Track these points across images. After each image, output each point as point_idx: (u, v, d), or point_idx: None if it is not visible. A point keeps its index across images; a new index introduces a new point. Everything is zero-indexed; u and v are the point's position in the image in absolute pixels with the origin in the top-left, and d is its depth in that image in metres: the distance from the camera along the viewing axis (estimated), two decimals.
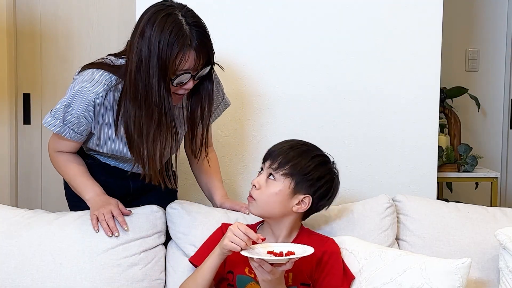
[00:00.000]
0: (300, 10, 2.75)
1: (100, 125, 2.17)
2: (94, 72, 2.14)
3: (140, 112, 2.06)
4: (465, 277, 1.95)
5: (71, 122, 2.15)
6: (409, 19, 2.78)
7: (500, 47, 4.40)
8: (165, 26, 2.00)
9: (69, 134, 2.18)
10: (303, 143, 2.11)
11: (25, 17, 3.17)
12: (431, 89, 2.81)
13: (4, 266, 2.10)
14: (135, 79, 2.03)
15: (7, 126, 3.14)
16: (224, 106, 2.42)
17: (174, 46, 1.99)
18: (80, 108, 2.12)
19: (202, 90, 2.16)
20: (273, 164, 2.02)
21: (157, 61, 2.00)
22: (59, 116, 2.15)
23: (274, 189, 2.02)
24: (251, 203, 2.04)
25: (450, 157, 3.65)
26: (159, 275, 2.19)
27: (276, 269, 1.88)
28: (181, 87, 2.07)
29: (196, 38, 2.02)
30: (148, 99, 2.03)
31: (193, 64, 2.04)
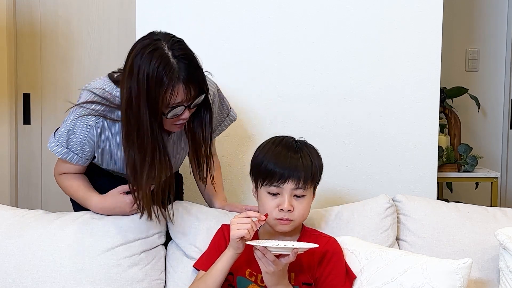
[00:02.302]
0: (300, 10, 2.75)
1: (101, 149, 2.17)
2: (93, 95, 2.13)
3: (133, 150, 2.04)
4: (466, 277, 1.95)
5: (75, 147, 2.16)
6: (409, 19, 2.78)
7: (500, 47, 4.39)
8: (151, 61, 1.96)
9: (74, 158, 2.19)
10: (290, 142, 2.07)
11: (25, 17, 3.17)
12: (431, 89, 2.81)
13: (4, 266, 2.10)
14: (126, 117, 2.02)
15: (7, 126, 3.14)
16: (229, 121, 2.43)
17: (162, 82, 1.95)
18: (82, 133, 2.13)
19: (201, 115, 2.13)
20: (298, 184, 1.99)
21: (146, 98, 1.96)
22: (63, 141, 2.16)
23: (308, 202, 2.04)
24: (289, 225, 2.01)
25: (450, 157, 3.65)
26: (159, 275, 2.19)
27: (279, 261, 1.88)
28: (178, 118, 2.04)
29: (184, 71, 1.97)
30: (139, 137, 2.01)
31: (184, 97, 2.00)
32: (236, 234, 1.91)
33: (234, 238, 1.93)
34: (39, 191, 3.26)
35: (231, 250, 1.96)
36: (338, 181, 2.80)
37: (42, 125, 3.22)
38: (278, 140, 2.09)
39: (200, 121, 2.14)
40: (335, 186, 2.79)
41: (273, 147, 2.05)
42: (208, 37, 2.73)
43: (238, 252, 1.96)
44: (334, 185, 2.78)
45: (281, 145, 2.05)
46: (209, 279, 1.99)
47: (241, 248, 1.95)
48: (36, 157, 3.23)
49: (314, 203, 2.21)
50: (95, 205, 2.22)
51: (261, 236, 2.06)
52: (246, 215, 1.95)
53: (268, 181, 2.00)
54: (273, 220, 2.00)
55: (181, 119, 2.05)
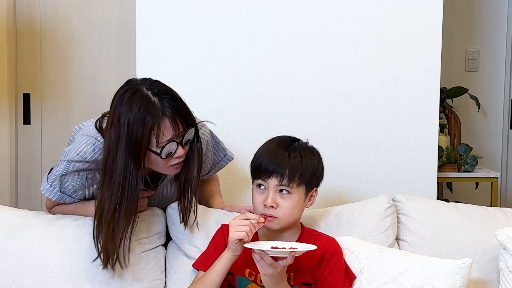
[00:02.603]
0: (300, 10, 2.75)
1: (93, 192, 2.17)
2: (86, 143, 2.10)
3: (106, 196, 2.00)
4: (466, 277, 1.95)
5: (68, 190, 2.16)
6: (409, 19, 2.78)
7: (500, 47, 4.39)
8: (132, 105, 1.95)
9: (68, 200, 2.20)
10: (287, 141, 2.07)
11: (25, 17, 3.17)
12: (431, 89, 2.81)
13: (5, 266, 2.10)
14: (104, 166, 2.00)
15: (7, 126, 3.14)
16: (227, 160, 2.44)
17: (146, 121, 1.94)
18: (74, 180, 2.12)
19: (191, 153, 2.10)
20: (282, 180, 1.98)
21: (126, 144, 1.95)
22: (56, 186, 2.15)
23: (293, 202, 2.01)
24: (272, 222, 2.00)
25: (450, 157, 3.65)
26: (159, 275, 2.19)
27: (277, 263, 1.88)
28: (172, 157, 2.02)
29: (167, 106, 1.96)
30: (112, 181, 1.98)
31: (173, 132, 1.98)
32: (235, 236, 1.91)
33: (232, 240, 1.93)
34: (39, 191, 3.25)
35: (229, 252, 1.96)
36: (338, 181, 2.80)
37: (42, 125, 3.21)
38: (276, 138, 2.10)
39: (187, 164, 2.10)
40: (335, 186, 2.79)
41: (268, 144, 2.08)
42: (208, 37, 2.73)
43: (236, 254, 1.96)
44: (334, 185, 2.78)
45: (275, 142, 2.07)
46: (207, 281, 1.99)
47: (239, 250, 1.95)
48: (36, 157, 3.23)
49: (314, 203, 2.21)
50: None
51: (261, 238, 2.06)
52: (245, 217, 1.95)
53: (256, 175, 2.03)
54: (260, 216, 2.00)
55: (175, 157, 2.02)
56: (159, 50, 2.72)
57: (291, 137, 2.11)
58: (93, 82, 3.29)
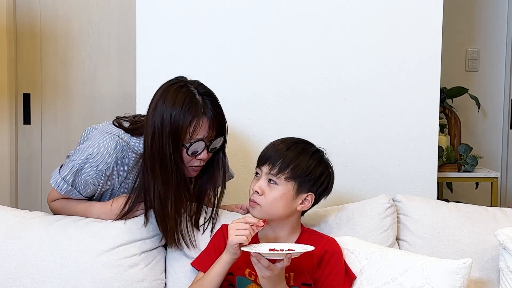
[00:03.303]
0: (300, 10, 2.75)
1: (104, 191, 2.22)
2: (109, 140, 2.16)
3: (157, 182, 2.08)
4: (466, 277, 1.95)
5: (79, 185, 2.19)
6: (409, 19, 2.78)
7: (500, 47, 4.40)
8: (177, 96, 2.06)
9: (75, 194, 2.22)
10: (296, 140, 2.11)
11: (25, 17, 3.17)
12: (431, 89, 2.81)
13: (5, 266, 2.10)
14: (150, 151, 2.07)
15: (7, 126, 3.14)
16: (227, 178, 2.44)
17: (187, 114, 2.03)
18: (90, 175, 2.16)
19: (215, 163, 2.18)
20: (272, 169, 2.02)
21: (169, 130, 2.04)
22: (69, 179, 2.18)
23: (278, 193, 2.02)
24: (255, 208, 2.03)
25: (450, 157, 3.65)
26: (159, 276, 2.19)
27: (274, 265, 1.88)
28: (196, 157, 2.09)
29: (209, 107, 2.07)
30: (162, 168, 2.06)
31: (206, 133, 2.07)
32: (235, 240, 1.92)
33: (232, 244, 1.93)
34: (39, 191, 3.26)
35: (228, 255, 1.96)
36: (338, 181, 2.77)
37: (42, 125, 3.22)
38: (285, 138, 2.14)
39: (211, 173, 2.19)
40: (335, 186, 2.76)
41: (274, 142, 2.12)
42: (208, 37, 2.73)
43: (235, 257, 1.96)
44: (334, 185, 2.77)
45: (282, 141, 2.11)
46: (206, 283, 2.00)
47: (238, 253, 1.95)
48: (36, 157, 3.23)
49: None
50: (98, 210, 2.23)
51: (261, 240, 2.07)
52: (244, 221, 1.95)
53: (257, 162, 2.08)
54: (248, 201, 2.05)
55: (198, 159, 2.09)
56: (159, 50, 2.72)
57: (306, 141, 2.13)
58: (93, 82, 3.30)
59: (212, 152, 2.13)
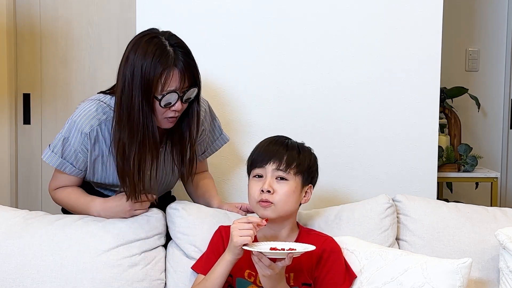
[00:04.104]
0: (300, 11, 2.75)
1: (94, 159, 2.21)
2: (90, 104, 2.18)
3: (123, 133, 2.07)
4: (466, 277, 1.95)
5: (69, 156, 2.19)
6: (409, 19, 2.78)
7: (500, 47, 4.40)
8: (148, 48, 2.04)
9: (68, 168, 2.21)
10: (284, 138, 2.13)
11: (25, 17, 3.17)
12: (431, 89, 2.81)
13: (5, 266, 2.11)
14: (120, 103, 2.07)
15: (7, 126, 3.14)
16: (221, 142, 2.48)
17: (157, 66, 2.02)
18: (76, 141, 2.16)
19: (190, 113, 2.17)
20: (280, 166, 2.02)
21: (140, 81, 2.03)
22: (58, 150, 2.19)
23: (289, 188, 2.03)
24: (269, 208, 2.02)
25: (450, 157, 3.65)
26: (159, 275, 2.19)
27: (275, 264, 1.88)
28: (170, 109, 2.08)
29: (180, 58, 2.05)
30: (130, 119, 2.05)
31: (178, 84, 2.05)
32: (240, 241, 1.91)
33: (237, 246, 1.92)
34: (39, 191, 3.26)
35: (230, 255, 1.96)
36: (338, 181, 2.80)
37: (42, 125, 3.22)
38: (270, 137, 2.15)
39: (188, 120, 2.17)
40: (335, 186, 2.79)
41: (262, 142, 2.13)
42: (208, 37, 2.73)
43: (238, 257, 1.96)
44: (334, 185, 2.78)
45: (270, 140, 2.12)
46: (209, 284, 1.99)
47: (241, 253, 1.95)
48: (36, 157, 3.23)
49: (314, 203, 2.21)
50: (98, 206, 2.23)
51: (260, 239, 2.06)
52: (247, 220, 1.95)
53: (254, 165, 2.07)
54: (256, 204, 2.02)
55: (173, 110, 2.08)
56: None
57: (283, 136, 2.15)
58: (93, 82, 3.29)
59: (187, 103, 2.12)
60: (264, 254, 1.87)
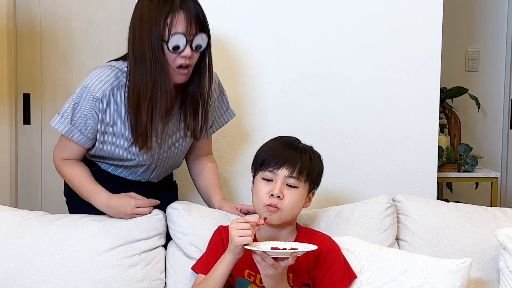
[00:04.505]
0: (300, 11, 2.75)
1: (104, 127, 2.17)
2: (102, 70, 2.16)
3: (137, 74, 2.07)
4: (466, 276, 1.95)
5: (79, 123, 2.16)
6: (409, 19, 2.78)
7: (500, 47, 4.40)
8: None
9: (76, 136, 2.18)
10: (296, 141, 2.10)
11: (25, 17, 3.17)
12: (431, 89, 2.81)
13: (5, 266, 2.11)
14: (132, 52, 2.08)
15: (7, 126, 3.13)
16: (229, 116, 2.46)
17: (163, 8, 2.04)
18: (87, 107, 2.14)
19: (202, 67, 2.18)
20: (293, 172, 2.00)
21: (148, 26, 2.05)
22: (67, 116, 2.16)
23: (298, 196, 2.02)
24: (275, 213, 2.00)
25: (450, 157, 3.65)
26: (159, 275, 2.19)
27: (278, 264, 1.88)
28: (180, 54, 2.07)
29: (186, 2, 2.07)
30: (143, 68, 2.06)
31: (185, 28, 2.06)
32: (240, 242, 1.90)
33: (237, 246, 1.91)
34: (39, 191, 3.25)
35: (231, 255, 1.95)
36: (338, 181, 2.80)
37: (42, 125, 3.21)
38: (281, 137, 2.12)
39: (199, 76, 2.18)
40: (335, 186, 2.79)
41: (274, 142, 2.09)
42: None
43: (238, 257, 1.95)
44: (334, 185, 2.78)
45: (282, 141, 2.09)
46: (209, 284, 1.99)
47: (241, 253, 1.94)
48: (36, 157, 3.23)
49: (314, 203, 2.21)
50: (100, 200, 2.21)
51: (259, 239, 2.06)
52: (244, 220, 1.94)
53: (264, 167, 2.03)
54: (262, 207, 2.00)
55: (183, 56, 2.08)
56: None
57: (296, 138, 2.12)
58: None
59: (197, 52, 2.12)
60: (267, 253, 1.86)
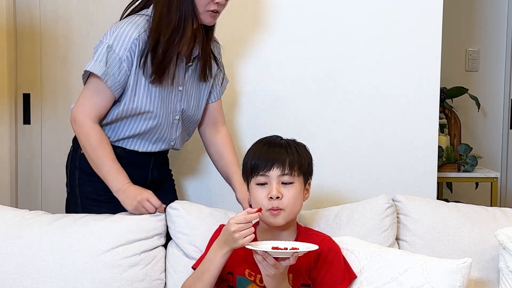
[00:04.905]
0: (299, 11, 2.75)
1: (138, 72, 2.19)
2: (132, 17, 2.21)
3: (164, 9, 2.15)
4: (466, 277, 1.95)
5: (113, 66, 2.17)
6: (409, 19, 2.78)
7: (500, 47, 4.40)
8: None
9: (110, 80, 2.18)
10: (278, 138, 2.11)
11: (25, 17, 3.17)
12: (431, 89, 2.81)
13: (5, 266, 2.11)
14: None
15: (7, 126, 3.13)
16: (225, 83, 2.52)
17: None
18: (122, 48, 2.16)
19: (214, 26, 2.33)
20: (284, 170, 2.00)
21: None
22: (102, 58, 2.16)
23: (296, 191, 2.02)
24: (279, 215, 2.00)
25: (450, 157, 3.65)
26: (159, 275, 2.19)
27: (279, 264, 1.87)
28: (213, 1, 2.18)
29: None
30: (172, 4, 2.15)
31: None
32: (246, 242, 1.89)
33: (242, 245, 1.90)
34: (39, 191, 3.25)
35: (226, 248, 1.94)
36: (338, 181, 2.80)
37: (42, 125, 3.21)
38: (263, 139, 2.13)
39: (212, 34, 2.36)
40: (335, 186, 2.79)
41: (258, 145, 2.10)
42: None
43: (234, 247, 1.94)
44: (334, 185, 2.78)
45: (265, 142, 2.09)
46: (205, 277, 1.98)
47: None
48: (36, 157, 3.23)
49: (314, 203, 2.21)
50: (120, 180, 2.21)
51: (260, 238, 2.06)
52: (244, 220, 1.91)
53: (255, 173, 2.03)
54: (266, 212, 2.00)
55: (216, 2, 2.19)
56: None
57: (277, 136, 2.13)
58: None
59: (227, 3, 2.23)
60: (269, 253, 1.86)
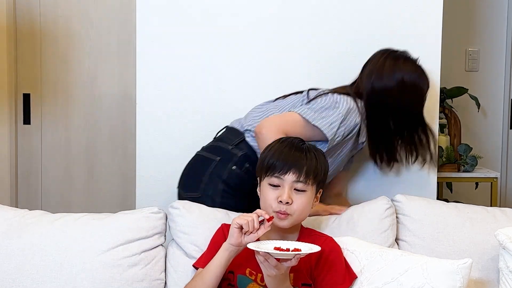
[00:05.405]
0: (298, 10, 2.75)
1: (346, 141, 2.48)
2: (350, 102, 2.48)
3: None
4: (466, 277, 1.95)
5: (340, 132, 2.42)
6: (409, 19, 2.78)
7: (500, 47, 4.39)
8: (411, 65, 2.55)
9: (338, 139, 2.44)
10: (300, 142, 2.09)
11: (25, 17, 3.17)
12: (431, 89, 2.80)
13: (4, 266, 2.10)
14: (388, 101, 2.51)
15: (7, 126, 3.14)
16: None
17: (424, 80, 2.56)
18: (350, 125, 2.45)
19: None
20: (300, 177, 1.99)
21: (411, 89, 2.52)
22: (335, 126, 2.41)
23: (307, 199, 2.02)
24: (286, 219, 2.00)
25: (450, 157, 3.65)
26: (159, 275, 2.19)
27: (281, 265, 1.87)
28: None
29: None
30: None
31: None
32: (236, 220, 1.91)
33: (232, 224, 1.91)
34: (39, 191, 3.26)
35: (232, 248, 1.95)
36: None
37: (42, 125, 3.22)
38: (285, 139, 2.12)
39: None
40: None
41: (278, 145, 2.08)
42: (208, 36, 2.73)
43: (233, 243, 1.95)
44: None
45: (287, 143, 2.08)
46: (206, 275, 1.99)
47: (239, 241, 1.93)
48: (36, 157, 3.23)
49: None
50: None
51: (262, 237, 2.06)
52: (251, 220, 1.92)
53: (270, 172, 2.01)
54: (272, 213, 2.00)
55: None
56: (159, 49, 2.72)
57: (299, 139, 2.12)
58: (93, 82, 3.30)
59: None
60: (270, 254, 1.86)
